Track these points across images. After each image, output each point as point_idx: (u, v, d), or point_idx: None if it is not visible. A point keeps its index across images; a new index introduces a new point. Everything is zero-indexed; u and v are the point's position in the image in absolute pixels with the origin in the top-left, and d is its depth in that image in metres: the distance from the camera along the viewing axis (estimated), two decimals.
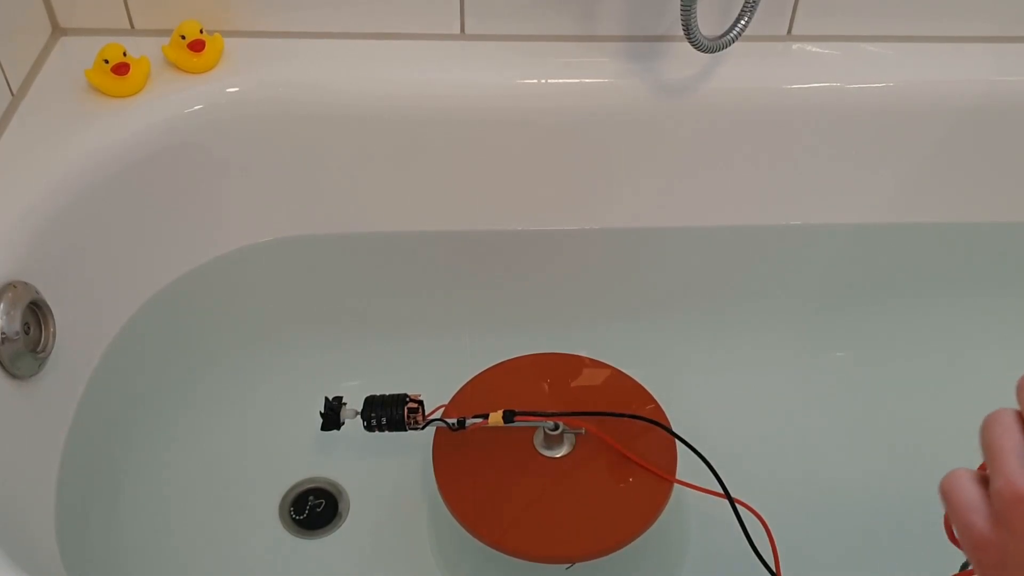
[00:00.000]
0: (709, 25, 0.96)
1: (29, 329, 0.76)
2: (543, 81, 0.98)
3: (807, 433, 1.01)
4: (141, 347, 0.96)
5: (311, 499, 0.93)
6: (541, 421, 0.84)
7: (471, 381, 0.91)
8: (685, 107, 0.99)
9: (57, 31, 0.99)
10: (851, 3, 1.01)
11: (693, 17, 0.87)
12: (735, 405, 1.03)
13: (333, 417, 0.86)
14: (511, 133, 1.00)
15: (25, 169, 0.83)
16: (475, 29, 1.00)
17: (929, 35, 1.04)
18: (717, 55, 0.99)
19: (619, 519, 0.81)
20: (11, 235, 0.78)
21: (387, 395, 0.86)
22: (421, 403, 0.85)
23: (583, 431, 0.86)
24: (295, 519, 0.92)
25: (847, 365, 1.08)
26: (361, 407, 0.85)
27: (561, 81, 0.98)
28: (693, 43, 0.90)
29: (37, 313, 0.78)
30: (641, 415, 0.87)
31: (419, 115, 0.98)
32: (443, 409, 0.88)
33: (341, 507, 0.93)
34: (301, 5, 0.98)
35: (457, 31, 1.00)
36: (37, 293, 0.78)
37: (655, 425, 0.86)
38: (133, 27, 0.99)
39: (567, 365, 0.93)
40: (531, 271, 1.11)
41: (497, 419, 0.83)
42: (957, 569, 0.63)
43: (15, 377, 0.75)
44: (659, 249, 1.12)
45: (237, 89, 0.94)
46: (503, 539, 0.80)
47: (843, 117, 1.02)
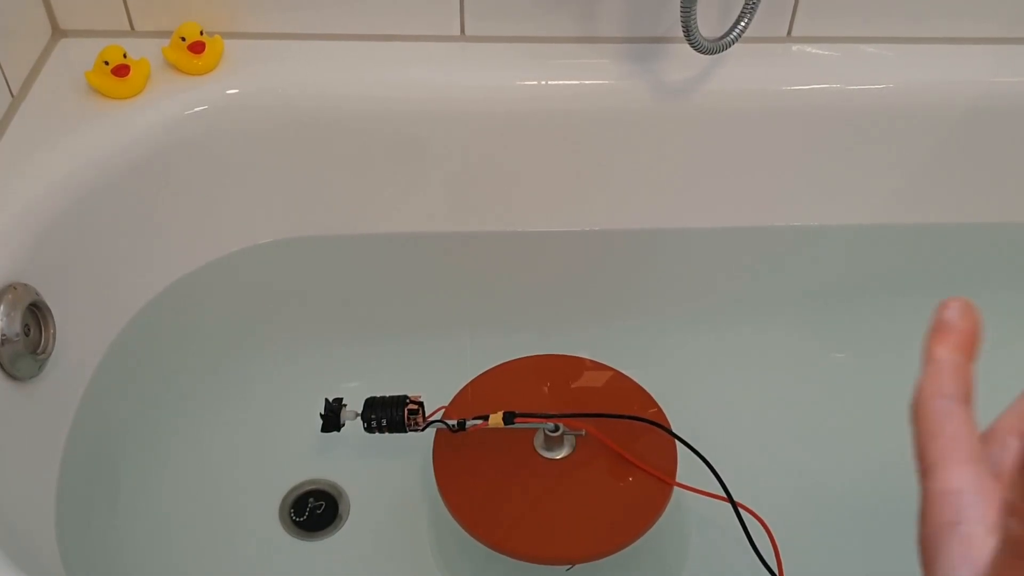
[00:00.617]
0: (709, 26, 0.96)
1: (29, 331, 0.76)
2: (543, 82, 0.98)
3: (808, 435, 1.01)
4: (141, 349, 0.96)
5: (311, 501, 0.93)
6: (541, 423, 0.84)
7: (471, 383, 0.91)
8: (685, 108, 0.99)
9: (57, 33, 0.99)
10: (851, 4, 1.01)
11: (693, 18, 0.87)
12: (736, 407, 1.03)
13: (333, 419, 0.86)
14: (511, 134, 1.00)
15: (25, 171, 0.83)
16: (475, 30, 1.00)
17: (929, 36, 1.04)
18: (717, 56, 0.99)
19: (619, 521, 0.81)
20: (11, 237, 0.78)
21: (387, 396, 0.85)
22: (421, 404, 0.85)
23: (583, 433, 0.86)
24: (295, 521, 0.92)
25: (848, 366, 1.08)
26: (361, 409, 0.85)
27: (561, 82, 0.98)
28: (693, 44, 0.90)
29: (37, 315, 0.78)
30: (641, 416, 0.87)
31: (419, 116, 0.98)
32: (443, 410, 0.88)
33: (341, 509, 0.93)
34: (301, 6, 0.98)
35: (457, 32, 1.00)
36: (37, 295, 0.78)
37: (655, 427, 0.86)
38: (133, 29, 0.99)
39: (567, 367, 0.93)
40: (532, 272, 1.11)
41: (497, 421, 0.83)
42: None
43: (15, 379, 0.75)
44: (660, 250, 1.12)
45: (237, 91, 0.95)
46: (503, 541, 0.80)
47: (843, 118, 1.02)
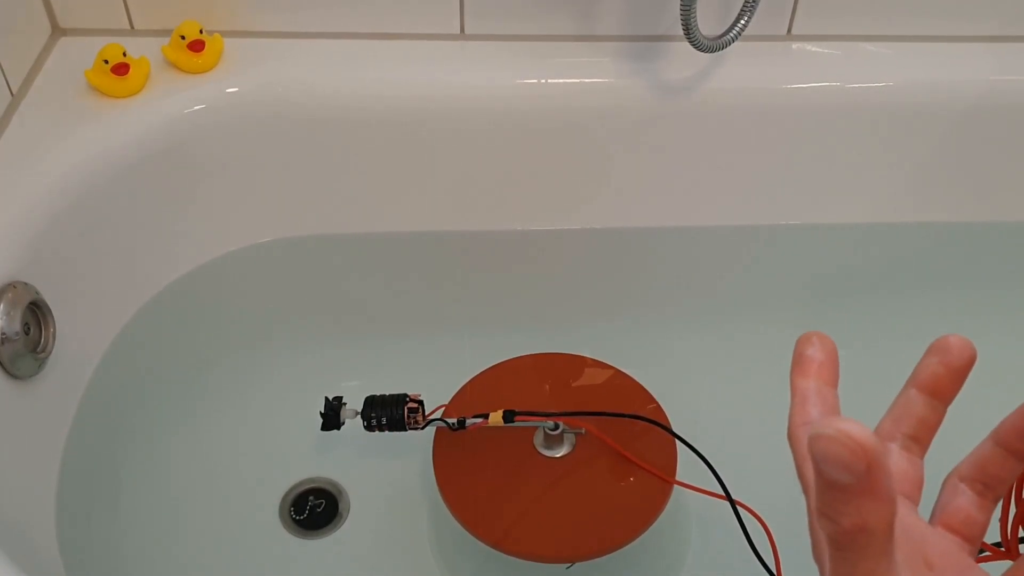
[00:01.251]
0: (709, 25, 0.96)
1: (29, 329, 0.76)
2: (543, 81, 0.98)
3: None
4: (141, 347, 0.96)
5: (311, 499, 0.93)
6: (541, 421, 0.84)
7: (471, 381, 0.91)
8: (685, 107, 0.99)
9: (57, 31, 0.99)
10: (851, 3, 1.00)
11: (693, 17, 0.87)
12: (736, 405, 1.03)
13: (333, 417, 0.86)
14: (511, 133, 1.00)
15: (25, 169, 0.83)
16: (475, 29, 1.00)
17: (929, 35, 1.04)
18: (717, 55, 0.99)
19: (619, 519, 0.81)
20: (11, 235, 0.78)
21: (387, 395, 0.86)
22: (421, 403, 0.85)
23: (583, 431, 0.86)
24: (295, 519, 0.92)
25: (847, 365, 1.07)
26: (361, 407, 0.85)
27: (561, 81, 0.98)
28: (693, 43, 0.90)
29: (37, 314, 0.78)
30: (641, 415, 0.87)
31: (419, 115, 0.98)
32: (443, 409, 0.88)
33: (341, 507, 0.93)
34: (301, 5, 0.98)
35: (457, 31, 1.00)
36: (37, 294, 0.78)
37: (655, 425, 0.86)
38: (133, 27, 0.99)
39: (567, 365, 0.93)
40: (531, 271, 1.11)
41: (497, 419, 0.83)
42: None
43: (15, 378, 0.75)
44: (660, 248, 1.12)
45: (237, 89, 0.94)
46: (503, 539, 0.80)
47: (843, 117, 1.02)
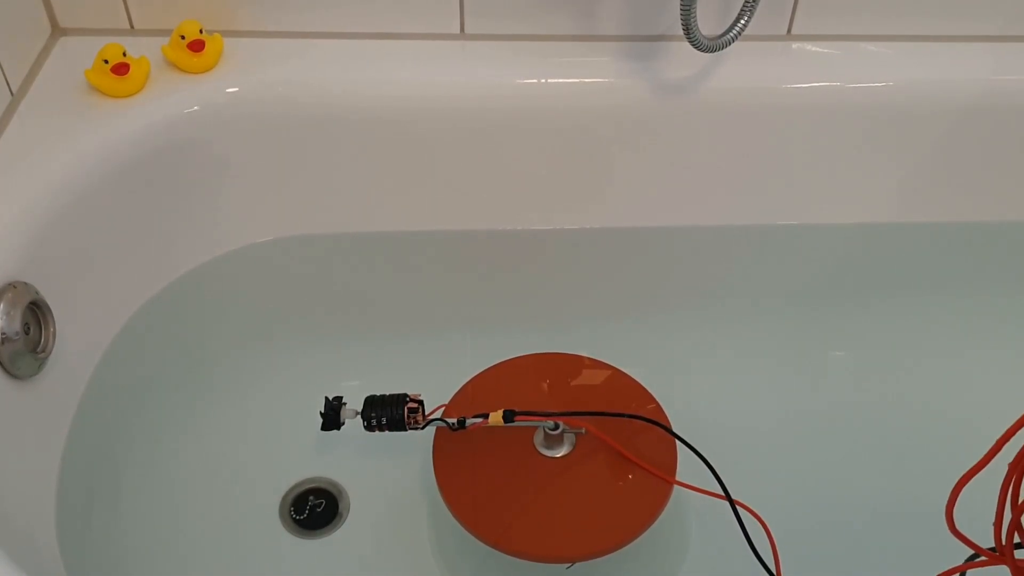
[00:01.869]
0: (709, 25, 0.96)
1: (29, 329, 0.76)
2: (543, 81, 0.98)
3: (807, 433, 1.01)
4: (141, 347, 0.96)
5: (311, 499, 0.93)
6: (541, 421, 0.84)
7: (471, 381, 0.91)
8: (685, 107, 1.00)
9: (57, 31, 0.99)
10: (851, 3, 1.01)
11: (693, 17, 0.87)
12: (735, 405, 1.03)
13: (333, 417, 0.86)
14: (511, 132, 1.00)
15: (25, 169, 0.83)
16: (475, 29, 1.00)
17: (928, 35, 1.04)
18: (717, 55, 0.99)
19: (619, 519, 0.81)
20: (11, 235, 0.78)
21: (387, 395, 0.86)
22: (421, 403, 0.85)
23: (583, 431, 0.86)
24: (295, 519, 0.92)
25: (848, 365, 1.08)
26: (361, 407, 0.85)
27: (561, 81, 0.98)
28: (693, 43, 0.90)
29: (37, 313, 0.78)
30: (641, 415, 0.87)
31: (418, 115, 0.98)
32: (443, 409, 0.88)
33: (341, 507, 0.93)
34: (301, 5, 0.98)
35: (457, 31, 1.00)
36: (37, 293, 0.78)
37: (655, 425, 0.86)
38: (133, 27, 0.99)
39: (567, 365, 0.93)
40: (531, 270, 1.11)
41: (497, 419, 0.83)
42: (959, 562, 0.63)
43: (15, 377, 0.75)
44: (660, 248, 1.12)
45: (236, 89, 0.95)
46: (503, 539, 0.80)
47: (842, 116, 1.02)
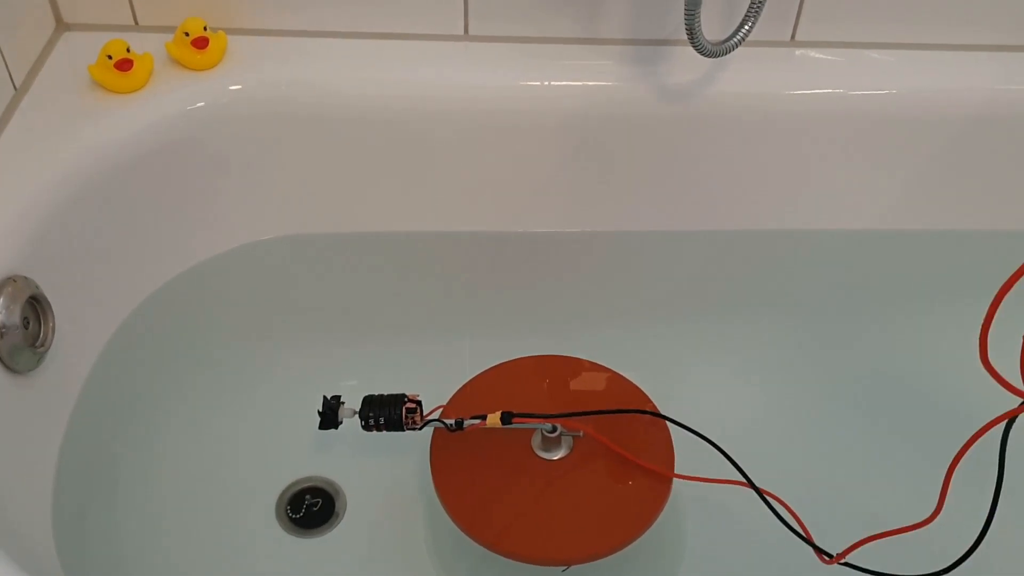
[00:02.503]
0: (713, 30, 0.96)
1: (28, 324, 0.76)
2: (546, 83, 0.98)
3: (807, 438, 1.01)
4: (140, 343, 0.96)
5: (308, 498, 0.93)
6: (539, 423, 0.84)
7: (469, 382, 0.91)
8: (688, 111, 1.00)
9: (61, 26, 0.99)
10: (855, 9, 1.01)
11: (697, 21, 0.87)
12: (734, 409, 1.03)
13: (331, 416, 0.86)
14: (513, 134, 1.00)
15: (27, 163, 0.83)
16: (479, 30, 1.00)
17: (933, 43, 1.04)
18: (720, 60, 0.99)
19: (615, 523, 0.81)
20: (12, 229, 0.78)
21: (385, 395, 0.85)
22: (419, 403, 0.85)
23: (581, 434, 0.86)
24: (291, 518, 0.92)
25: (848, 370, 1.08)
26: (359, 406, 0.85)
27: (564, 83, 0.98)
28: (696, 47, 0.90)
29: (37, 308, 0.78)
30: (639, 409, 0.87)
31: (421, 115, 0.98)
32: (441, 410, 0.88)
33: (338, 506, 0.93)
34: (305, 4, 0.98)
35: (461, 32, 1.00)
36: (37, 288, 0.78)
37: (655, 416, 0.86)
38: (137, 23, 0.99)
39: (566, 368, 0.93)
40: (532, 273, 1.11)
41: (495, 420, 0.83)
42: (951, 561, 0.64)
43: (14, 371, 0.75)
44: (660, 252, 1.12)
45: (240, 87, 0.95)
46: (498, 540, 0.80)
47: (845, 123, 1.02)
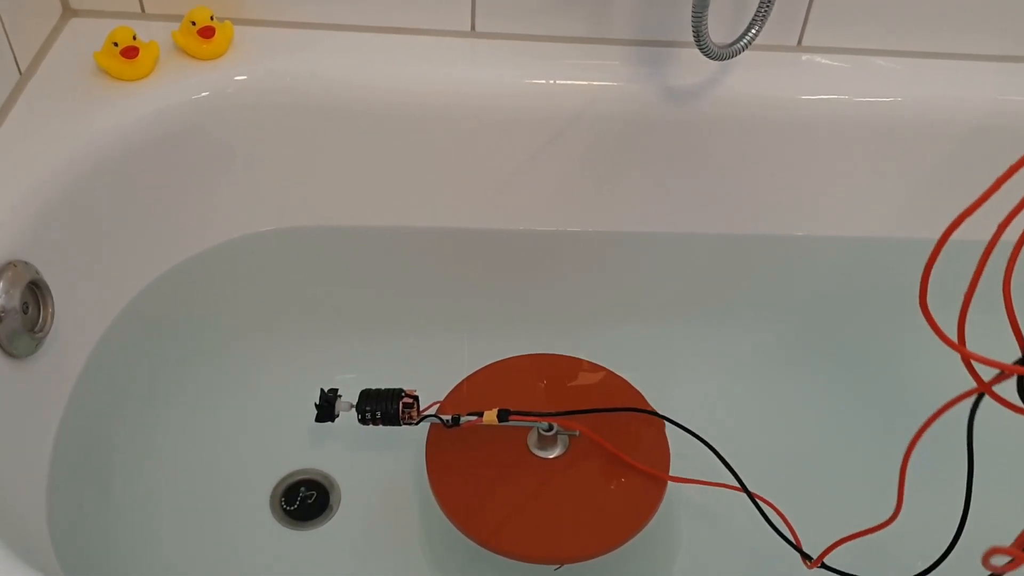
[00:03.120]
0: (719, 33, 0.96)
1: (28, 308, 0.76)
2: (551, 82, 0.98)
3: (805, 442, 1.01)
4: (139, 332, 0.96)
5: (303, 490, 0.93)
6: (535, 421, 0.84)
7: (467, 379, 0.91)
8: (692, 113, 0.99)
9: (67, 12, 0.99)
10: (862, 16, 1.00)
11: (704, 24, 0.87)
12: (730, 412, 1.03)
13: (328, 409, 0.86)
14: (518, 132, 1.00)
15: (31, 149, 0.83)
16: (485, 27, 1.00)
17: (939, 51, 1.04)
18: (726, 63, 0.99)
19: (609, 522, 0.81)
20: (14, 214, 0.78)
21: (383, 389, 0.85)
22: (416, 398, 0.85)
23: (577, 433, 0.86)
24: (286, 510, 0.92)
25: (848, 376, 1.08)
26: (356, 400, 0.85)
27: (569, 82, 0.98)
28: (703, 50, 0.90)
29: (36, 293, 0.78)
30: (636, 407, 0.87)
31: (426, 111, 0.98)
32: (438, 405, 0.88)
33: (332, 499, 0.93)
34: None
35: (467, 28, 1.00)
36: (37, 273, 0.78)
37: (649, 416, 0.86)
38: (144, 11, 0.99)
39: (564, 367, 0.93)
40: (532, 271, 1.11)
41: (492, 418, 0.83)
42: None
43: (12, 356, 0.75)
44: (661, 254, 1.12)
45: (245, 77, 0.95)
46: (492, 538, 0.80)
47: (850, 129, 1.02)
